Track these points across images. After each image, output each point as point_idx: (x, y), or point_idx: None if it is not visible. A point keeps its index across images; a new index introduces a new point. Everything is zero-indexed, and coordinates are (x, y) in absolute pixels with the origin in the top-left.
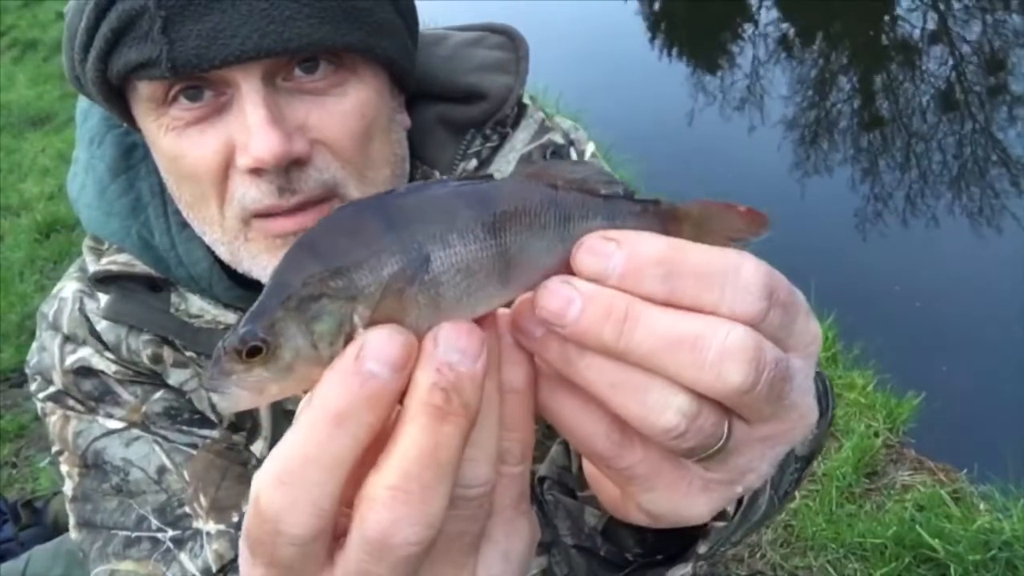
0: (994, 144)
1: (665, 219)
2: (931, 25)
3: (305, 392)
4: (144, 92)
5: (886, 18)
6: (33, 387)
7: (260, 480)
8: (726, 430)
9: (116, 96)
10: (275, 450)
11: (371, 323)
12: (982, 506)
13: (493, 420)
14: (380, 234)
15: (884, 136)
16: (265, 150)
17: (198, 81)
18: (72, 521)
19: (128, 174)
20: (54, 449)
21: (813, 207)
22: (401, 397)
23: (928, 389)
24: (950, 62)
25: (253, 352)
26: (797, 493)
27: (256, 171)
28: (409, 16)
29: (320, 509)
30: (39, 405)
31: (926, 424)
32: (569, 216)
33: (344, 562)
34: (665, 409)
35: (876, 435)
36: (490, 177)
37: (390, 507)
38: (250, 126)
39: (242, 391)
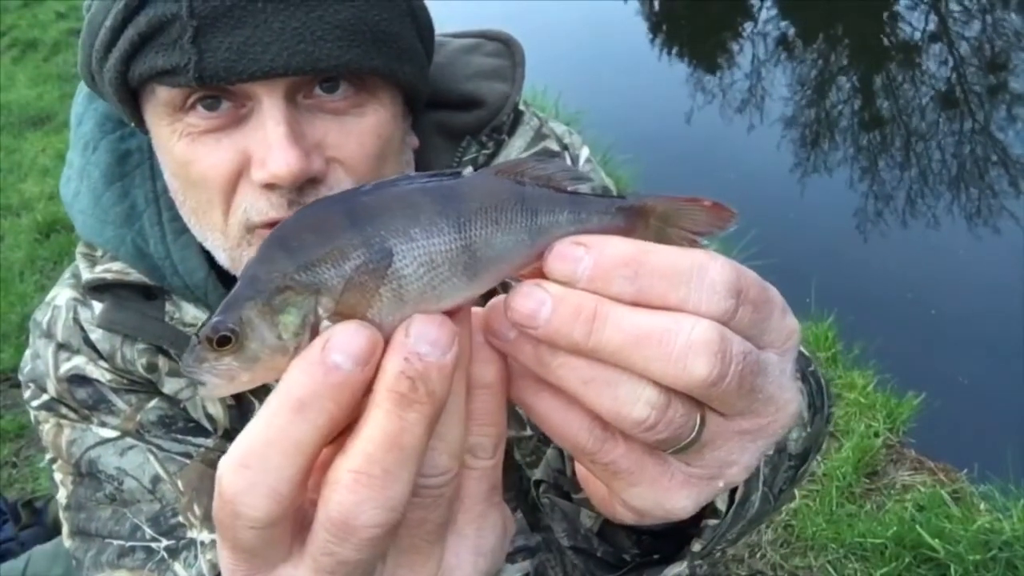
0: (993, 144)
1: (631, 215)
2: (931, 25)
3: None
4: (162, 97)
5: (886, 18)
6: (26, 395)
7: (223, 463)
8: (698, 422)
9: (130, 97)
10: (240, 435)
11: (335, 315)
12: (982, 506)
13: (458, 413)
14: (344, 229)
15: (884, 136)
16: (283, 167)
17: (220, 92)
18: (66, 529)
19: (123, 181)
20: (48, 457)
21: (813, 207)
22: (364, 390)
23: (928, 389)
24: (950, 62)
25: (223, 341)
26: (796, 492)
27: (270, 186)
28: (428, 42)
29: (278, 494)
30: (32, 413)
31: (926, 424)
32: (535, 211)
33: (311, 544)
34: (635, 402)
35: (876, 435)
36: (458, 174)
37: (353, 489)
38: (270, 142)
39: (215, 378)
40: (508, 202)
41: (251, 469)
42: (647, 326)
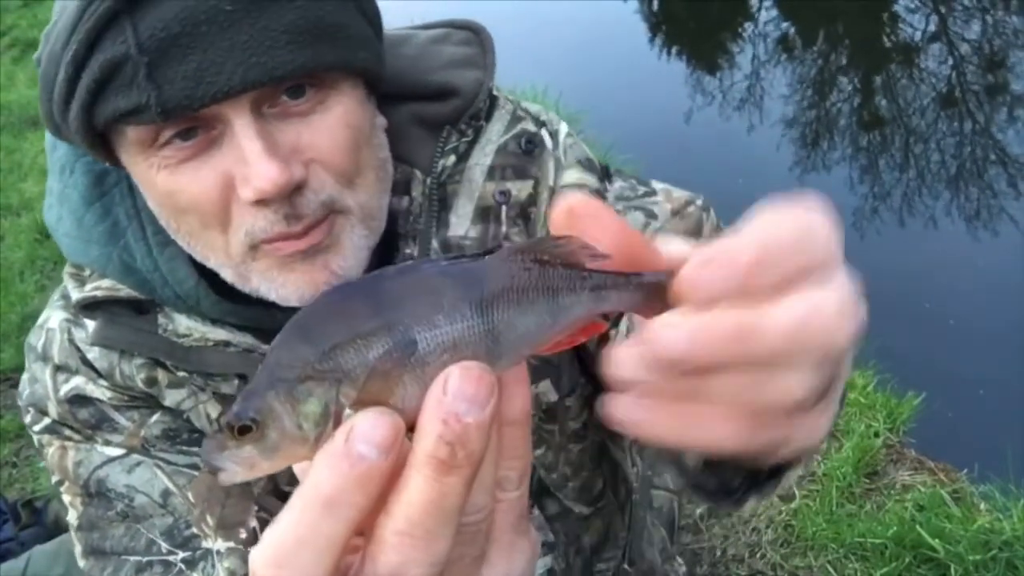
0: (993, 144)
1: (649, 291)
2: (931, 25)
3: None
4: (132, 136)
5: (886, 18)
6: (27, 419)
7: (257, 559)
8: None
9: (99, 140)
10: (270, 529)
11: (357, 403)
12: (982, 506)
13: (492, 455)
14: (368, 317)
15: (883, 136)
16: (267, 181)
17: (190, 121)
18: (79, 550)
19: (103, 200)
20: (54, 479)
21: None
22: (391, 476)
23: (928, 389)
24: (950, 62)
25: (244, 430)
26: (797, 492)
27: (260, 202)
28: (375, 21)
29: None
30: (35, 438)
31: (926, 424)
32: (556, 291)
33: None
34: (792, 388)
35: (876, 435)
36: (479, 256)
37: (399, 551)
38: (249, 159)
39: (235, 466)
40: (529, 284)
41: (284, 568)
42: (799, 312)
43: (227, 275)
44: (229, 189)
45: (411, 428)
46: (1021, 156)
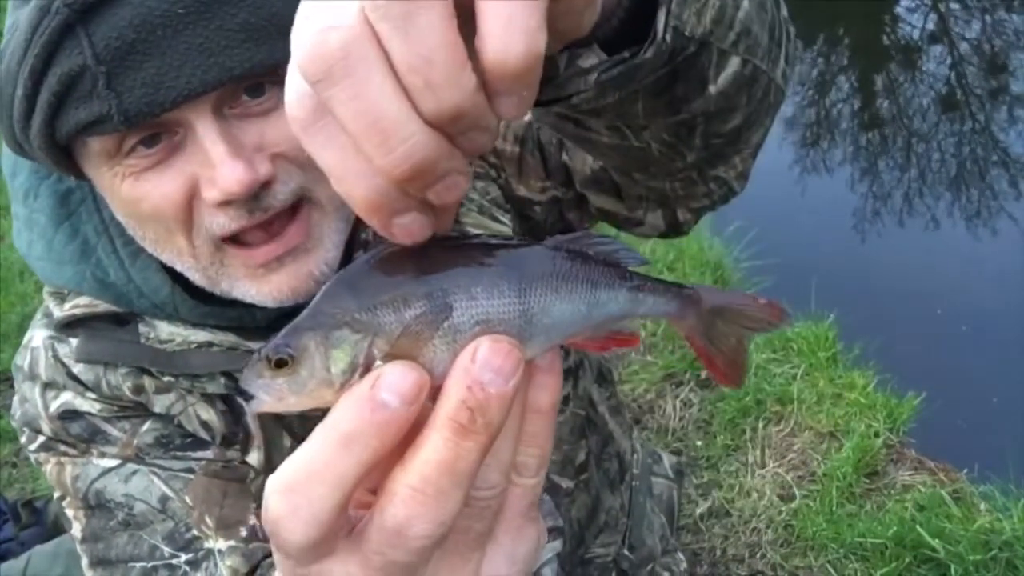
0: (994, 144)
1: (685, 303)
2: (931, 26)
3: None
4: (95, 147)
5: (887, 19)
6: (23, 440)
7: (270, 484)
8: None
9: (62, 154)
10: (288, 459)
11: (388, 357)
12: (982, 506)
13: (512, 435)
14: (411, 280)
15: (884, 136)
16: (233, 182)
17: (152, 128)
18: (85, 562)
19: (71, 220)
20: (56, 495)
21: (813, 207)
22: (410, 427)
23: (928, 389)
24: (950, 62)
25: (280, 363)
26: (797, 492)
27: (226, 202)
28: None
29: (319, 520)
30: (32, 457)
31: (926, 424)
32: (596, 286)
33: (365, 543)
34: None
35: (876, 435)
36: (528, 243)
37: (408, 504)
38: (213, 161)
39: (265, 396)
40: (571, 274)
41: (295, 496)
42: None
43: (196, 278)
44: (193, 192)
45: (434, 395)
46: (1022, 156)
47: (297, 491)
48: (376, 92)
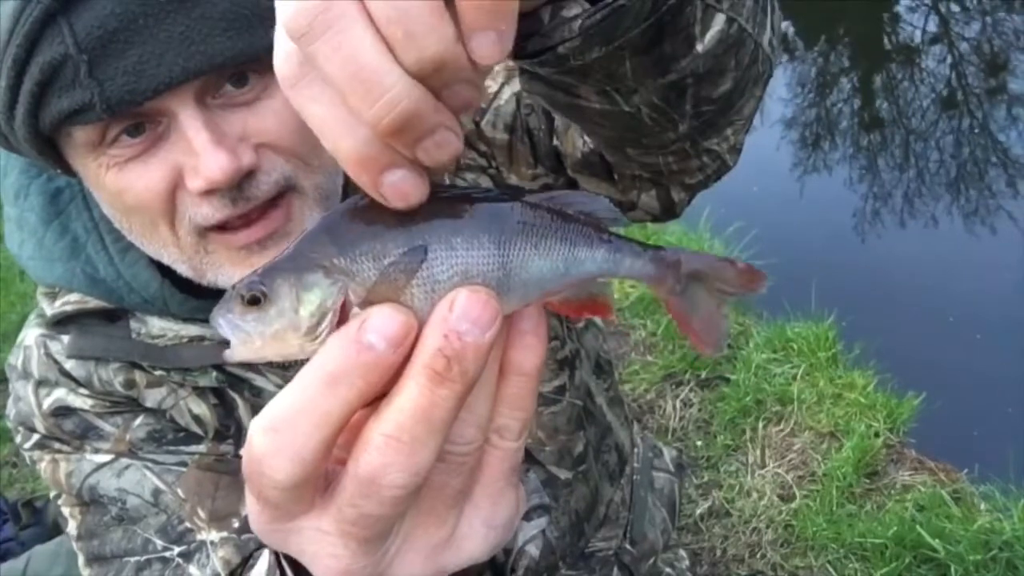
0: (993, 144)
1: (663, 265)
2: (931, 26)
3: (279, 360)
4: (79, 138)
5: (887, 19)
6: (18, 439)
7: (255, 423)
8: None
9: (47, 146)
10: (273, 400)
11: (365, 303)
12: (983, 506)
13: (489, 389)
14: (392, 227)
15: (884, 136)
16: (216, 170)
17: (135, 116)
18: (81, 560)
19: (60, 219)
20: (52, 494)
21: (813, 207)
22: (395, 369)
23: (928, 389)
24: (950, 62)
25: (253, 300)
26: (797, 492)
27: (209, 191)
28: None
29: (303, 459)
30: (27, 455)
31: (926, 424)
32: (575, 244)
33: (339, 495)
34: None
35: (876, 435)
36: (510, 197)
37: (383, 452)
38: (196, 150)
39: (233, 333)
40: (550, 230)
41: (279, 434)
42: None
43: (183, 270)
44: (176, 181)
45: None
46: (1022, 156)
47: (281, 430)
48: (357, 43)
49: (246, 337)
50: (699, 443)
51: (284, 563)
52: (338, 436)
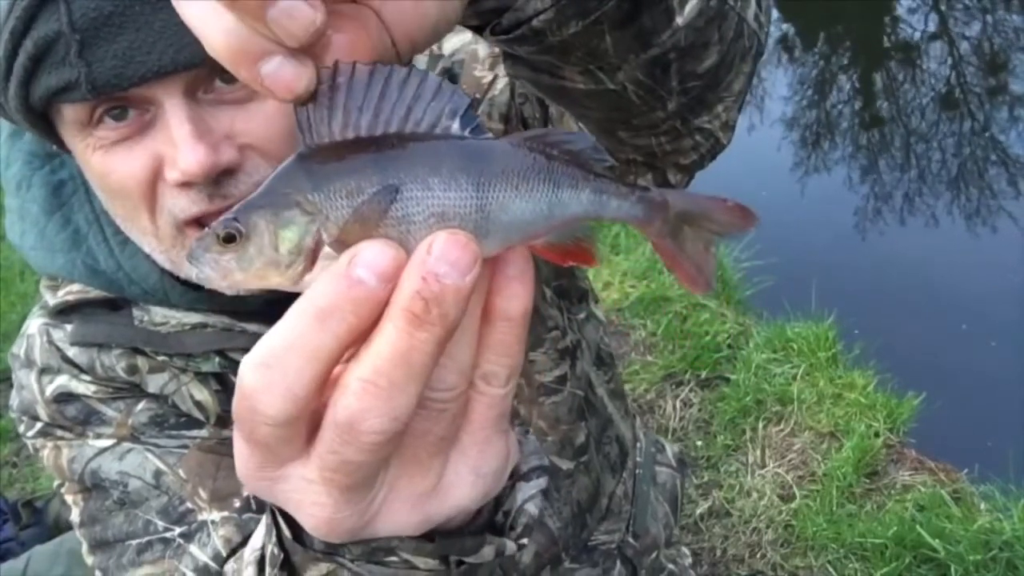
0: (993, 144)
1: (650, 207)
2: (931, 26)
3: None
4: (69, 115)
5: (887, 18)
6: (21, 429)
7: (245, 361)
8: None
9: (41, 120)
10: (264, 336)
11: (337, 242)
12: (983, 506)
13: (471, 334)
14: (367, 165)
15: (884, 136)
16: (193, 163)
17: (121, 101)
18: (85, 547)
19: (62, 210)
20: (55, 483)
21: (813, 207)
22: (385, 305)
23: (928, 389)
24: (950, 62)
25: (229, 238)
26: (797, 492)
27: (186, 184)
28: None
29: (295, 395)
30: (29, 444)
31: (926, 424)
32: (558, 185)
33: (319, 443)
34: None
35: (876, 435)
36: (492, 139)
37: (360, 397)
38: (176, 141)
39: (212, 271)
40: (532, 171)
41: (271, 369)
42: None
43: (161, 260)
44: (158, 171)
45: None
46: (1022, 156)
47: (272, 365)
48: None
49: (226, 272)
50: (699, 443)
51: (279, 518)
52: (330, 372)
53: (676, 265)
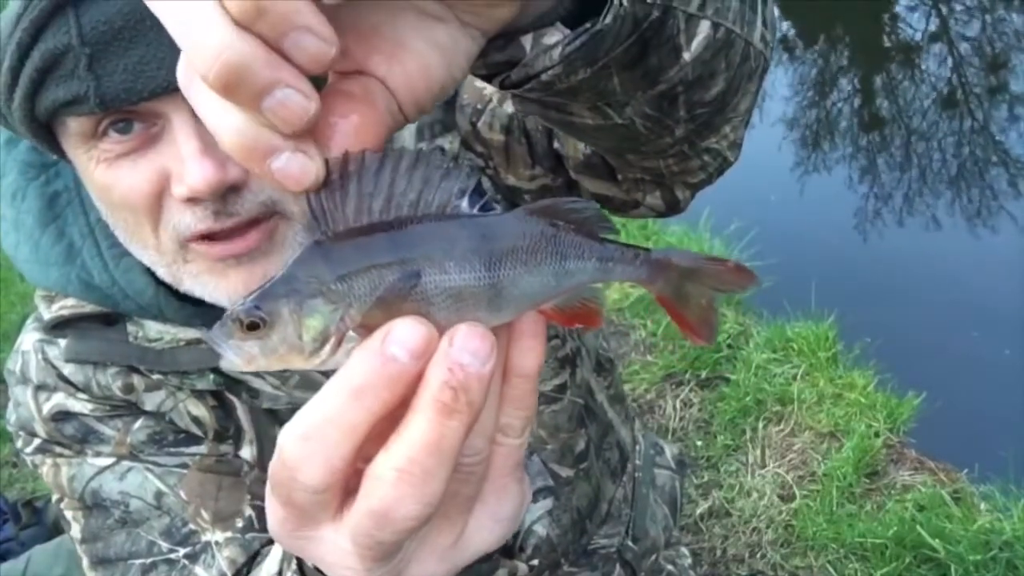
0: (994, 144)
1: (654, 268)
2: (931, 26)
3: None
4: (73, 127)
5: (887, 18)
6: (19, 444)
7: (286, 433)
8: None
9: (44, 131)
10: (302, 409)
11: (360, 327)
12: (983, 506)
13: (494, 402)
14: (385, 251)
15: (884, 136)
16: (200, 180)
17: (128, 114)
18: (85, 563)
19: (56, 223)
20: (54, 497)
21: (813, 207)
22: (417, 381)
23: (928, 389)
24: (950, 62)
25: (252, 327)
26: (797, 492)
27: (192, 200)
28: None
29: (332, 466)
30: (28, 459)
31: (926, 424)
32: (565, 256)
33: (352, 523)
34: None
35: (876, 435)
36: (499, 213)
37: (395, 486)
38: (184, 157)
39: (235, 356)
40: (540, 245)
41: (311, 441)
42: None
43: (162, 274)
44: (163, 186)
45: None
46: (1022, 156)
47: (312, 437)
48: (190, 4)
49: (250, 358)
50: (699, 443)
51: (304, 567)
52: (364, 443)
53: (679, 319)
